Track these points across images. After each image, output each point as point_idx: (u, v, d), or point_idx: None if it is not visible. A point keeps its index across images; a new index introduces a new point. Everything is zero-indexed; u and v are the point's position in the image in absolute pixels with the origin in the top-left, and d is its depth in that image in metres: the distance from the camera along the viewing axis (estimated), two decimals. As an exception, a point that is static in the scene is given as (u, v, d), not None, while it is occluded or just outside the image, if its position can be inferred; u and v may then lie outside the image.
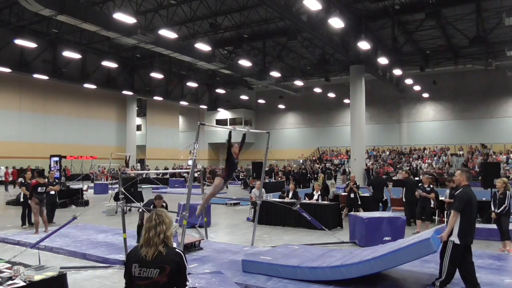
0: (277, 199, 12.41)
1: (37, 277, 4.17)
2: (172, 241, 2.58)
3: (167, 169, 33.11)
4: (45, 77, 27.61)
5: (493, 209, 7.79)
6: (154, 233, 2.49)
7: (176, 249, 2.54)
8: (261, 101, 40.67)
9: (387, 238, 7.87)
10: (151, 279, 2.45)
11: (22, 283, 3.98)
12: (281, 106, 40.14)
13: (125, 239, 6.90)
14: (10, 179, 23.14)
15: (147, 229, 2.54)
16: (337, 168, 31.30)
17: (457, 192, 5.24)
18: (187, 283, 2.51)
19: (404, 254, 5.16)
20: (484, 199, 10.58)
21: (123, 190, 8.22)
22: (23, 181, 12.26)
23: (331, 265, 5.63)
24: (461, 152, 30.64)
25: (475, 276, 5.08)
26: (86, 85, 30.30)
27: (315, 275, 5.61)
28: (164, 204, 8.25)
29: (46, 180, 11.14)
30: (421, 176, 14.88)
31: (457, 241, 5.00)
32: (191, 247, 7.79)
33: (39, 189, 9.75)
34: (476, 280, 5.05)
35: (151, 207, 9.63)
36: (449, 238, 5.06)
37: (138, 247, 2.55)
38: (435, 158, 30.36)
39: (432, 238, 5.06)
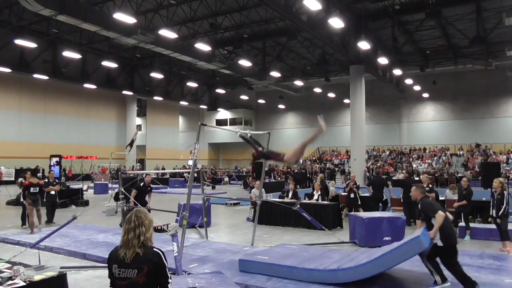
0: (277, 199, 12.42)
1: (37, 277, 4.17)
2: (152, 241, 2.58)
3: (164, 169, 33.06)
4: (45, 77, 27.60)
5: (491, 211, 7.76)
6: (133, 235, 2.50)
7: (154, 249, 2.54)
8: (261, 101, 40.68)
9: (387, 238, 7.88)
10: (130, 279, 2.47)
11: (22, 283, 3.98)
12: (281, 106, 40.13)
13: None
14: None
15: (126, 230, 2.54)
16: (337, 168, 31.30)
17: (419, 205, 5.60)
18: (169, 281, 2.53)
19: (398, 255, 5.28)
20: (484, 199, 10.59)
21: (123, 190, 8.24)
22: (23, 181, 12.25)
23: (328, 268, 5.67)
24: (461, 152, 30.65)
25: (466, 275, 5.16)
26: (86, 85, 30.29)
27: (312, 277, 5.65)
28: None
29: (46, 180, 11.17)
30: (420, 176, 14.86)
31: (440, 243, 5.18)
32: (161, 230, 8.66)
33: (32, 190, 9.70)
34: (469, 278, 5.13)
35: (141, 184, 9.95)
36: (435, 242, 5.24)
37: (118, 248, 2.56)
38: (435, 158, 30.36)
39: (422, 235, 5.19)
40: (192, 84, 35.90)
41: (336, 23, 17.36)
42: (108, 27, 18.78)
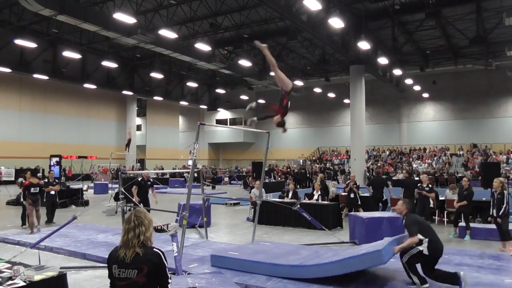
0: (277, 199, 12.42)
1: (37, 277, 4.17)
2: (152, 241, 2.58)
3: (163, 168, 33.05)
4: (45, 77, 27.60)
5: (491, 211, 7.76)
6: (133, 235, 2.50)
7: (154, 249, 2.54)
8: (261, 101, 40.63)
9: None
10: (130, 280, 2.47)
11: (22, 283, 3.98)
12: (281, 106, 40.08)
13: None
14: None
15: (126, 230, 2.53)
16: (337, 168, 31.29)
17: (404, 221, 5.69)
18: (170, 281, 2.53)
19: (356, 262, 5.43)
20: (484, 199, 10.60)
21: (123, 190, 8.24)
22: (23, 181, 12.25)
23: (291, 263, 5.90)
24: (461, 152, 30.65)
25: (446, 272, 5.34)
26: (86, 85, 30.29)
27: (275, 271, 5.86)
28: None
29: (46, 180, 11.16)
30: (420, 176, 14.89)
31: (426, 252, 5.29)
32: (161, 230, 9.02)
33: (32, 190, 9.70)
34: (449, 273, 5.33)
35: (139, 179, 10.03)
36: (420, 249, 5.34)
37: (118, 248, 2.56)
38: (435, 158, 30.36)
39: (384, 249, 5.35)
40: (192, 84, 35.90)
41: (336, 23, 17.36)
42: (108, 27, 18.78)
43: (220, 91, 39.89)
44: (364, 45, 19.64)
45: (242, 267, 6.11)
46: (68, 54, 24.57)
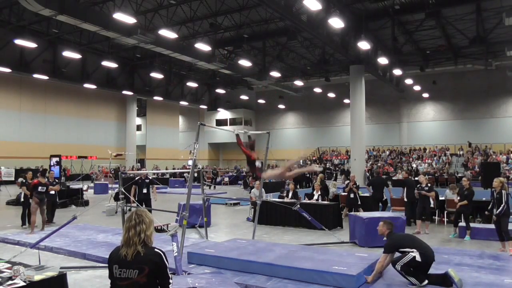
0: (277, 199, 12.42)
1: (37, 277, 4.16)
2: (152, 240, 2.59)
3: (159, 169, 32.99)
4: (45, 77, 27.61)
5: (492, 209, 7.78)
6: (134, 233, 2.51)
7: (155, 249, 2.55)
8: (261, 101, 40.67)
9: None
10: (131, 280, 2.47)
11: (22, 283, 3.97)
12: (281, 106, 40.13)
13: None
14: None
15: (126, 228, 2.55)
16: (337, 168, 31.28)
17: (386, 242, 5.69)
18: (170, 281, 2.53)
19: (327, 277, 5.46)
20: (484, 199, 10.61)
21: (123, 190, 8.24)
22: (23, 181, 12.25)
23: (263, 261, 6.06)
24: (461, 152, 30.65)
25: (438, 276, 5.40)
26: (86, 85, 30.30)
27: (249, 267, 6.02)
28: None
29: (46, 179, 11.16)
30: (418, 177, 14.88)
31: (419, 259, 5.32)
32: (161, 230, 9.15)
33: (40, 189, 9.73)
34: (439, 275, 5.39)
35: (136, 178, 10.39)
36: (413, 255, 5.37)
37: (119, 248, 2.57)
38: (435, 158, 30.36)
39: (359, 275, 5.39)
40: (192, 84, 35.90)
41: (336, 23, 17.36)
42: (108, 27, 18.78)
43: (220, 91, 39.89)
44: (364, 45, 19.64)
45: (218, 264, 6.28)
46: (68, 54, 24.56)
